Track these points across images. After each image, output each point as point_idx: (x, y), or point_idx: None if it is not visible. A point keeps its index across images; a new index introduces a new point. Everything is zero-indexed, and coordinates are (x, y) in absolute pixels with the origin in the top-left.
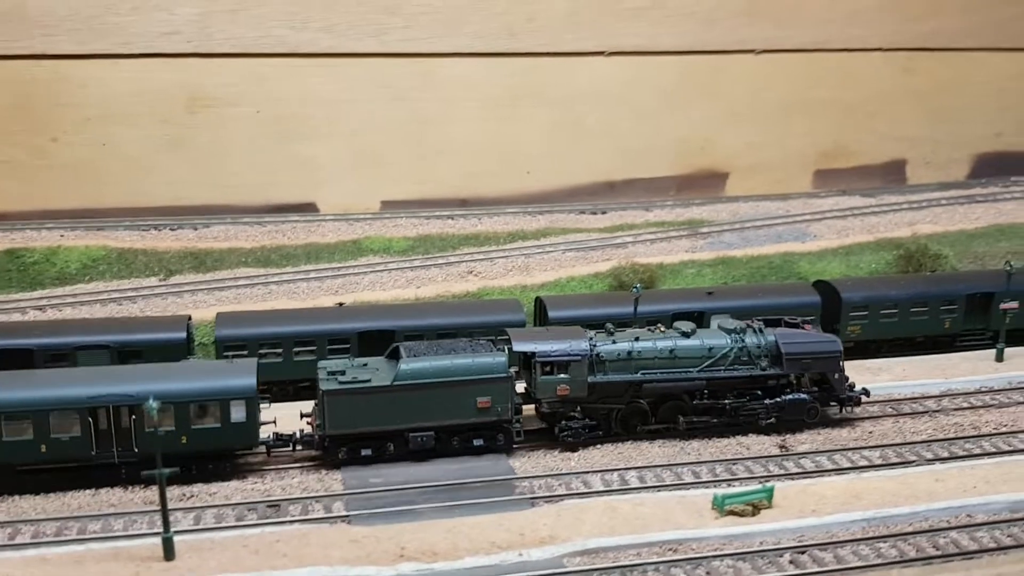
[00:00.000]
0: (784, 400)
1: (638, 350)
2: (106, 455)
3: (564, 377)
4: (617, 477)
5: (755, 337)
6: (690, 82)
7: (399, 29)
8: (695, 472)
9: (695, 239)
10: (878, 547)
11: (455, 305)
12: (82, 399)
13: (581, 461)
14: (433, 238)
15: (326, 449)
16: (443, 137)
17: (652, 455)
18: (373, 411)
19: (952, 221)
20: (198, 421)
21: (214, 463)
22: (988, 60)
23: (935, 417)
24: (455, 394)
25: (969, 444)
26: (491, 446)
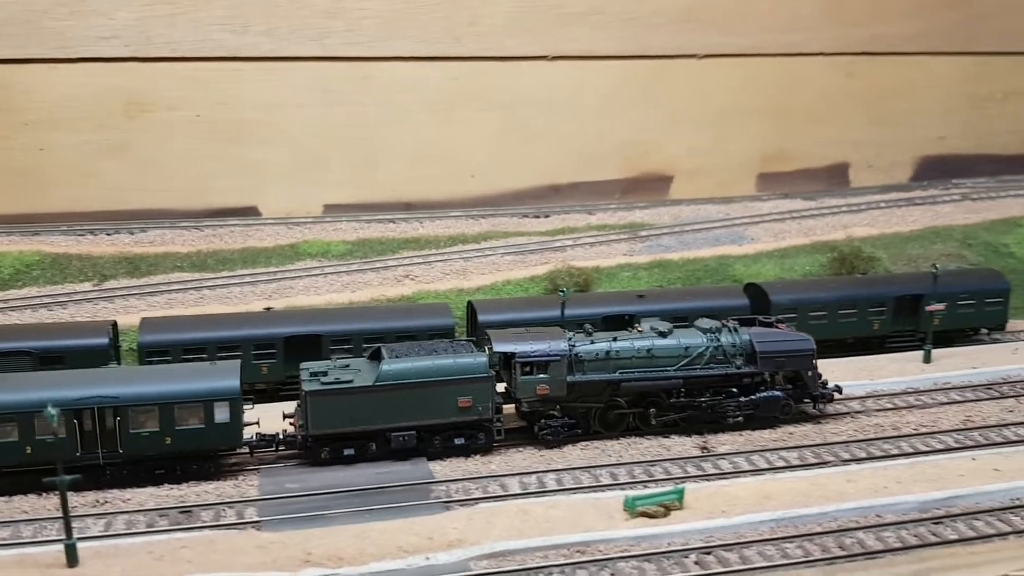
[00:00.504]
0: (759, 398)
1: (616, 350)
2: (91, 456)
3: (544, 377)
4: (535, 480)
5: (730, 336)
6: (633, 86)
7: (340, 33)
8: (613, 474)
9: (634, 242)
10: (784, 547)
11: (384, 309)
12: (67, 401)
13: (501, 464)
14: (372, 242)
15: (309, 449)
16: (386, 141)
17: (572, 458)
18: (355, 411)
19: (889, 224)
20: (182, 422)
21: (198, 463)
22: (930, 64)
23: (856, 418)
24: (436, 394)
25: (887, 445)
26: (472, 445)
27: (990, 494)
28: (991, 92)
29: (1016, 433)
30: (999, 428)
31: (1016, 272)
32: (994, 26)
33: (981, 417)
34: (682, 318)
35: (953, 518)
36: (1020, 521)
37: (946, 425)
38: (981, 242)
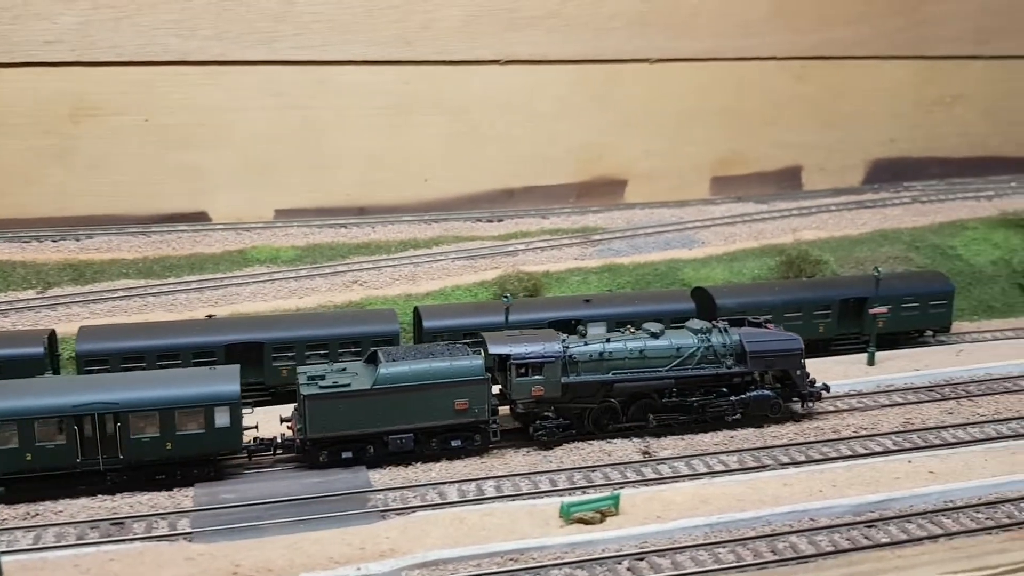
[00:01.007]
0: (749, 397)
1: (609, 351)
2: (91, 462)
3: (538, 378)
4: (474, 487)
5: (720, 336)
6: (586, 90)
7: (290, 36)
8: (552, 480)
9: (585, 247)
10: (717, 552)
11: (328, 316)
12: (67, 407)
13: (441, 472)
14: (323, 247)
15: (307, 452)
16: (338, 145)
17: (514, 464)
18: (353, 414)
19: (838, 227)
20: (183, 427)
21: (198, 468)
22: (879, 68)
23: (799, 421)
24: (433, 397)
25: (826, 448)
26: (468, 447)
27: (924, 496)
28: (940, 96)
29: (954, 435)
30: (937, 430)
31: (963, 274)
32: (942, 31)
33: (921, 419)
34: (627, 322)
35: (886, 521)
36: (952, 523)
37: (886, 427)
38: (929, 245)
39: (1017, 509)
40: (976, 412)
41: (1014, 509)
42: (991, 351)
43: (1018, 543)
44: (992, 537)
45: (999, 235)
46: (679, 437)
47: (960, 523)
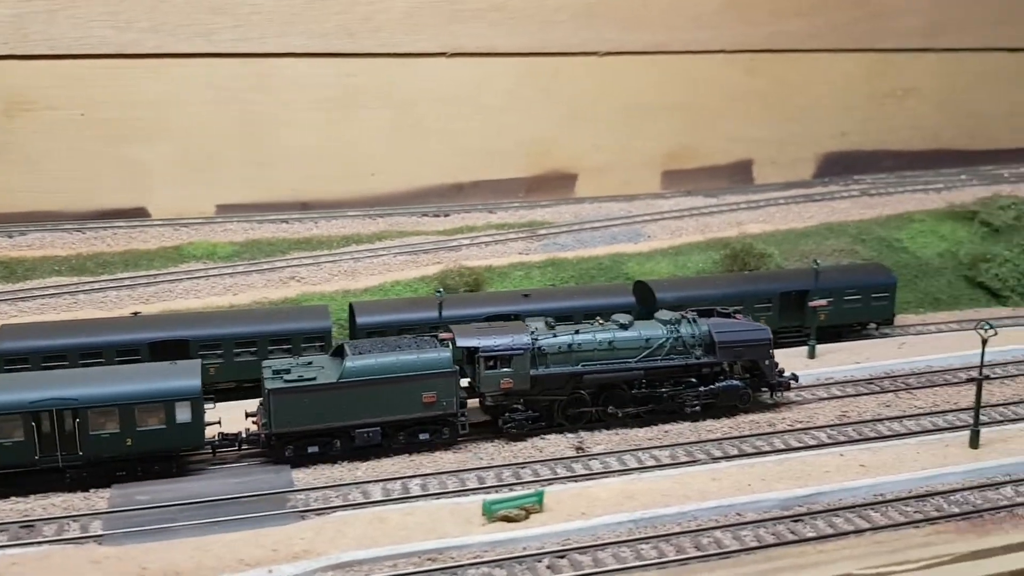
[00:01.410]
0: (718, 387)
1: (578, 342)
2: (50, 459)
3: (507, 371)
4: (400, 486)
5: (689, 327)
6: (534, 83)
7: (229, 29)
8: (480, 477)
9: (530, 241)
10: (639, 549)
11: (258, 313)
12: (24, 403)
13: (368, 471)
14: (262, 243)
15: (272, 448)
16: (281, 139)
17: (443, 462)
18: (319, 408)
19: (785, 220)
20: (143, 423)
21: (160, 464)
22: (830, 61)
23: (735, 415)
24: (401, 390)
25: (760, 442)
26: (437, 440)
27: (853, 490)
28: (892, 89)
29: (890, 428)
30: (873, 423)
31: (909, 267)
32: (893, 24)
33: (857, 412)
34: (567, 317)
35: (813, 515)
36: (879, 517)
37: (821, 421)
38: (875, 237)
39: (946, 502)
40: (914, 405)
41: (943, 502)
42: (934, 343)
43: (942, 536)
44: (916, 531)
45: (946, 227)
46: (613, 432)
47: (888, 516)
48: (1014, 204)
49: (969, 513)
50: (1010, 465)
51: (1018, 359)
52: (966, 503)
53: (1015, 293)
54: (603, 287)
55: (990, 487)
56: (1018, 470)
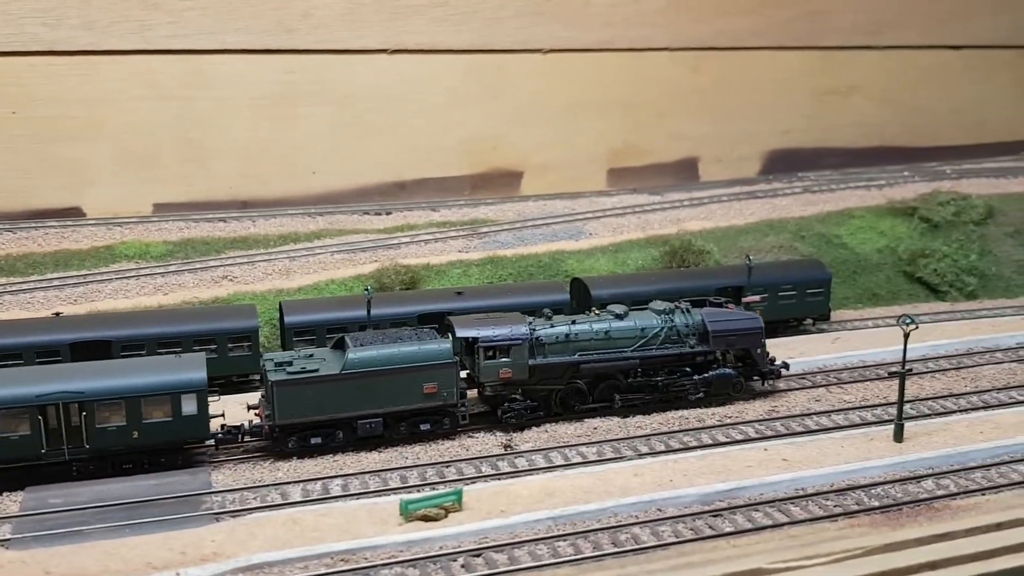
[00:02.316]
0: (712, 375)
1: (575, 332)
2: (56, 452)
3: (506, 361)
4: (320, 487)
5: (683, 317)
6: (477, 81)
7: (164, 25)
8: (403, 477)
9: (470, 239)
10: (556, 546)
11: (183, 313)
12: (30, 397)
13: (289, 471)
14: (197, 242)
15: (275, 439)
16: (218, 137)
17: (368, 462)
18: (322, 400)
19: (726, 217)
20: (149, 415)
21: (166, 456)
22: (774, 59)
23: (664, 412)
24: (402, 381)
25: (687, 437)
26: (438, 430)
27: (774, 484)
28: (835, 86)
29: (817, 422)
30: (801, 417)
31: (848, 263)
32: (836, 21)
33: (787, 407)
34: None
35: (733, 510)
36: (798, 511)
37: (751, 415)
38: (815, 233)
39: (867, 495)
40: (843, 399)
41: (864, 495)
42: (868, 338)
43: (856, 530)
44: (831, 524)
45: (885, 223)
46: (542, 429)
47: (807, 510)
48: (953, 200)
49: (888, 506)
50: (932, 458)
51: (950, 353)
52: (886, 496)
53: (953, 288)
54: (537, 284)
55: (911, 480)
56: (940, 463)
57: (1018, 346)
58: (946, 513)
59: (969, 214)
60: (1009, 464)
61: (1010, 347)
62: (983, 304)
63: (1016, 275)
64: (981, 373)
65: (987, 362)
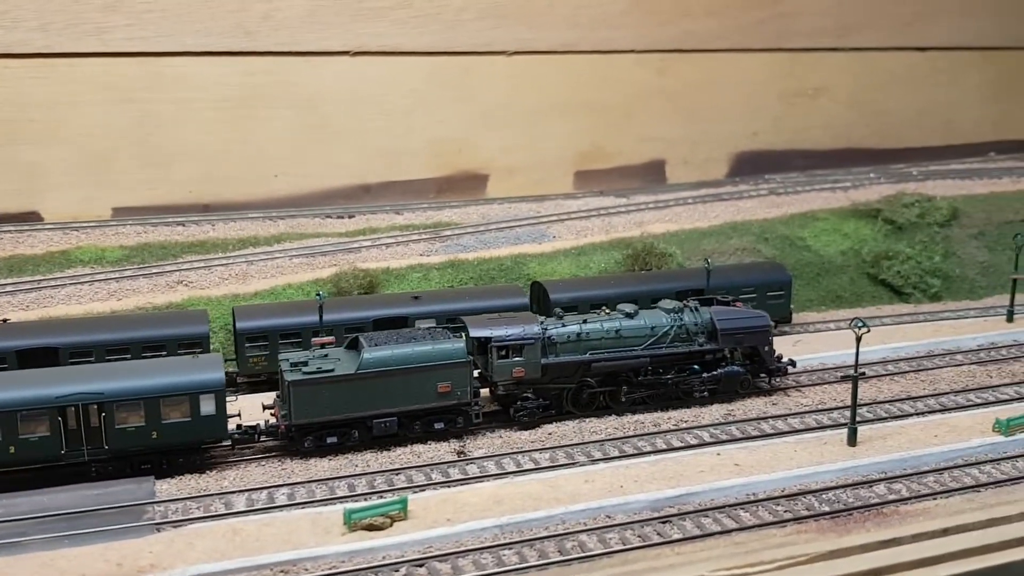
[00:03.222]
0: (720, 373)
1: (587, 332)
2: (76, 453)
3: (519, 360)
4: (265, 495)
5: (692, 315)
6: (441, 83)
7: (122, 27)
8: (351, 485)
9: (432, 242)
10: (501, 555)
11: (133, 319)
12: (50, 399)
13: (236, 480)
14: (154, 246)
15: (291, 439)
16: (178, 140)
17: (317, 469)
18: (338, 400)
19: (691, 219)
20: (168, 416)
21: (184, 457)
22: (740, 61)
23: (621, 415)
24: (417, 380)
25: (642, 442)
26: (451, 428)
27: (725, 490)
28: (802, 88)
29: (772, 426)
30: (756, 421)
31: (811, 265)
32: (802, 24)
33: (743, 411)
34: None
35: (682, 516)
36: (748, 517)
37: (706, 420)
38: (778, 236)
39: (818, 500)
40: (800, 402)
41: (814, 500)
42: (829, 340)
43: (803, 536)
44: (777, 531)
45: (849, 225)
46: (496, 435)
47: (757, 516)
48: (918, 202)
49: (838, 512)
50: (885, 462)
51: (910, 356)
52: (837, 501)
53: (917, 290)
54: (496, 288)
55: (863, 485)
56: (893, 467)
57: (979, 348)
58: (894, 518)
59: (933, 216)
60: (962, 468)
61: (971, 349)
62: (946, 306)
63: (980, 276)
64: (940, 375)
65: (947, 364)
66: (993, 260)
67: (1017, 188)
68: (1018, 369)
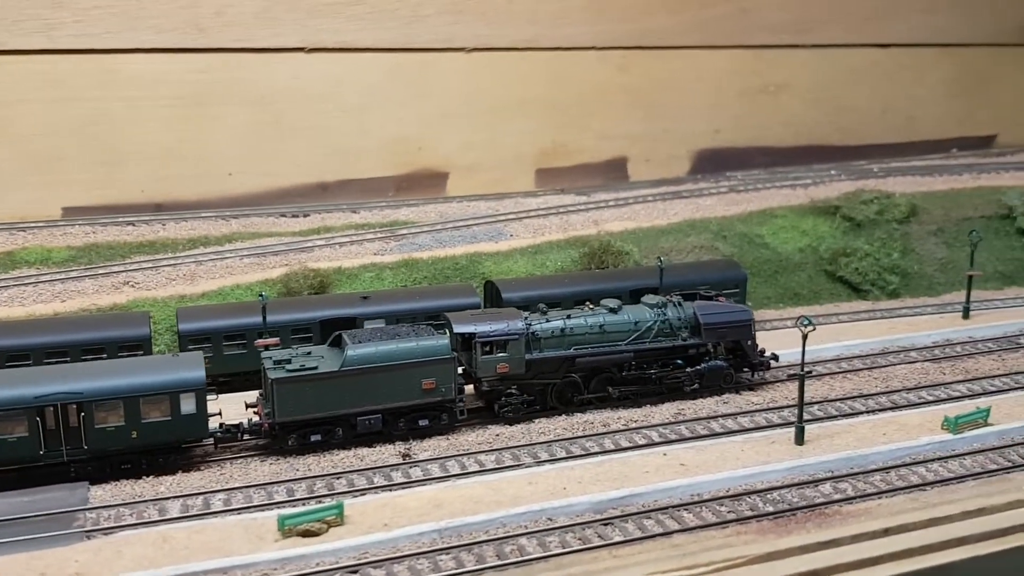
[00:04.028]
0: (704, 367)
1: (570, 327)
2: (55, 454)
3: (503, 355)
4: (201, 501)
5: (675, 310)
6: (400, 80)
7: (70, 24)
8: (290, 490)
9: (387, 241)
10: (438, 560)
11: (74, 321)
12: (28, 398)
13: (172, 486)
14: (102, 247)
15: (275, 437)
16: (130, 139)
17: (257, 474)
18: (321, 397)
19: (649, 217)
20: (148, 415)
21: (164, 456)
22: (701, 58)
23: (571, 415)
24: (401, 377)
25: (590, 443)
26: (436, 425)
27: (669, 491)
28: (764, 85)
29: (722, 425)
30: (706, 420)
31: (769, 262)
32: (764, 20)
33: (693, 410)
34: (408, 319)
35: (625, 518)
36: (691, 518)
37: (656, 419)
38: (736, 233)
39: (762, 501)
40: (751, 401)
41: (759, 501)
42: (784, 338)
43: (742, 538)
44: (717, 532)
45: (808, 223)
46: (443, 438)
47: (700, 517)
48: (876, 199)
49: (782, 512)
50: (832, 461)
51: (864, 353)
52: (781, 501)
53: (875, 287)
54: (448, 288)
55: (809, 484)
56: (840, 466)
57: (933, 345)
58: (836, 519)
59: (892, 212)
60: (909, 466)
61: (925, 346)
62: (904, 302)
63: (938, 273)
64: (894, 373)
65: (901, 361)
66: (952, 256)
67: (977, 184)
68: (971, 366)
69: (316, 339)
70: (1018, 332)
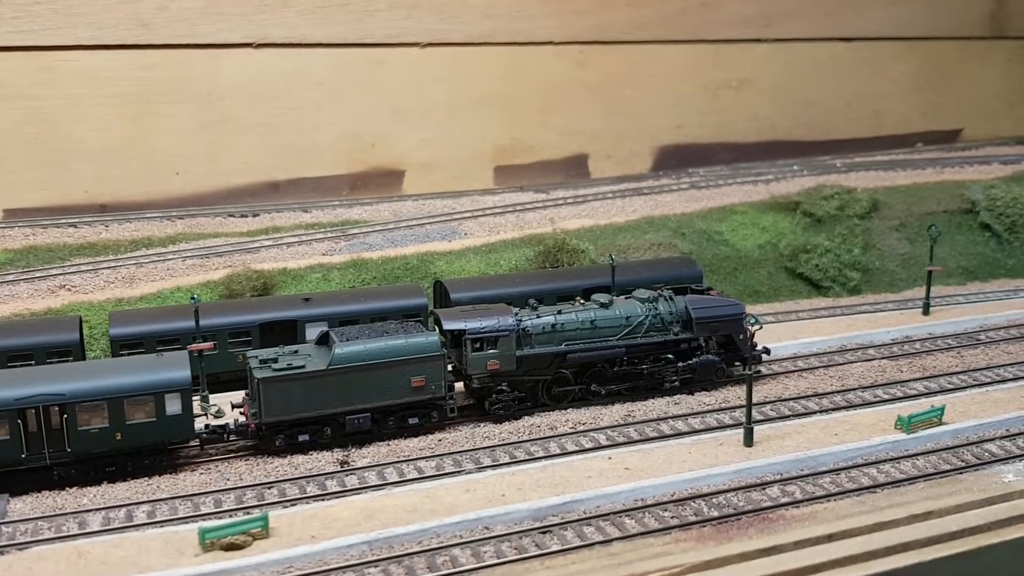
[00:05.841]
0: (696, 362)
1: (561, 322)
2: (37, 457)
3: (494, 352)
4: (124, 514)
5: (667, 305)
6: (351, 76)
7: (7, 20)
8: (218, 500)
9: (337, 241)
10: (366, 573)
11: (1, 327)
12: (9, 401)
13: (96, 497)
14: (40, 249)
15: (262, 438)
16: (72, 138)
17: (185, 484)
18: (309, 396)
19: (608, 215)
20: (132, 416)
21: (150, 458)
22: (662, 53)
23: (517, 419)
24: (390, 375)
25: (535, 447)
26: (426, 423)
27: (612, 496)
28: (726, 80)
29: (672, 426)
30: (656, 422)
31: (728, 259)
32: (725, 14)
33: (643, 412)
34: (353, 321)
35: (565, 525)
36: (633, 524)
37: (606, 422)
38: (696, 230)
39: (707, 505)
40: (703, 401)
41: (704, 505)
42: None
43: (681, 545)
44: (654, 540)
45: (768, 219)
46: (383, 443)
47: (643, 523)
48: (837, 194)
49: (728, 516)
50: (781, 463)
51: (822, 351)
52: (727, 506)
53: (836, 284)
54: (394, 288)
55: (756, 487)
56: (789, 468)
57: (892, 342)
58: (779, 524)
59: (853, 208)
60: (861, 467)
61: (884, 343)
62: (865, 299)
63: (900, 269)
64: (850, 371)
65: (858, 359)
66: (913, 252)
67: (940, 179)
68: (929, 363)
69: (255, 343)
70: (978, 328)
